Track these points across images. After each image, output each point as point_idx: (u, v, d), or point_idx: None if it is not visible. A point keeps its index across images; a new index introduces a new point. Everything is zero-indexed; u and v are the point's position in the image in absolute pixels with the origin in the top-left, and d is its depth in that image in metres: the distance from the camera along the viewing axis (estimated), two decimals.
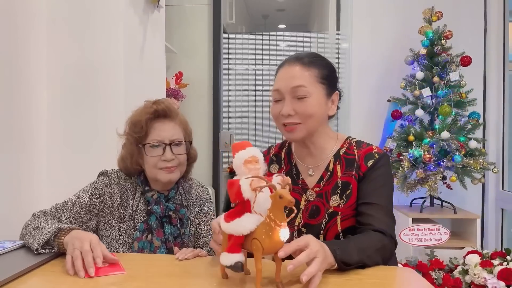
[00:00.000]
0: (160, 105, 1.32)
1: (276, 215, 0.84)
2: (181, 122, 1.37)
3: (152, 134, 1.31)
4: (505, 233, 2.93)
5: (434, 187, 2.53)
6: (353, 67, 3.12)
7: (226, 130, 3.34)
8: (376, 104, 3.02)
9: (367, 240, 1.06)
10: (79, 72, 1.78)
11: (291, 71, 1.16)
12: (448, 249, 2.50)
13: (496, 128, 3.00)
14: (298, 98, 1.14)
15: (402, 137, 2.65)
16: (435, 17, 2.68)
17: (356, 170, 1.18)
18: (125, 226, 1.32)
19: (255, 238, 0.85)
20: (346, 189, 1.17)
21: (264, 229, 0.85)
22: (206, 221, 1.42)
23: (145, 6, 2.02)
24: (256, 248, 0.85)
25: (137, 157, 1.33)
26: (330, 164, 1.21)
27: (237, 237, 0.87)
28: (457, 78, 2.57)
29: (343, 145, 1.23)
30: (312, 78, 1.14)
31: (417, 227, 2.34)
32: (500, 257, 2.23)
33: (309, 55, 1.20)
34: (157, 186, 1.35)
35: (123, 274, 1.00)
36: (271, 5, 5.42)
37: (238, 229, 0.86)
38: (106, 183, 1.33)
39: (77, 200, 1.30)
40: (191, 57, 3.30)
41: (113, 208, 1.32)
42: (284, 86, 1.15)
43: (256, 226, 0.85)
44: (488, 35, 3.03)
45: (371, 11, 3.09)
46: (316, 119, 1.16)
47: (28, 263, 1.05)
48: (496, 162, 2.92)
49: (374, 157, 1.18)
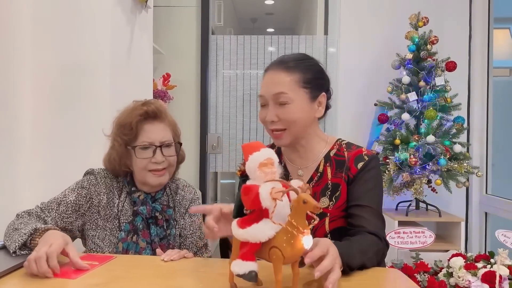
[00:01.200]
0: (150, 106, 1.30)
1: (299, 221, 0.78)
2: (170, 123, 1.36)
3: (142, 136, 1.29)
4: (489, 236, 2.97)
5: (420, 190, 2.55)
6: (341, 71, 3.14)
7: (214, 133, 3.33)
8: (363, 108, 3.04)
9: (366, 243, 1.07)
10: (64, 72, 1.76)
11: (273, 77, 1.16)
12: (433, 252, 2.53)
13: (480, 132, 3.05)
14: (280, 104, 1.14)
15: (389, 141, 2.67)
16: (421, 23, 2.72)
17: (345, 172, 1.19)
18: (110, 225, 1.31)
19: (275, 247, 0.79)
20: (335, 191, 1.18)
21: (285, 237, 0.79)
22: (192, 222, 1.40)
23: (133, 6, 2.01)
24: (277, 258, 0.79)
25: (126, 159, 1.31)
26: (320, 165, 1.22)
27: (253, 244, 0.81)
28: (442, 83, 2.60)
29: (333, 146, 1.24)
30: (294, 84, 1.14)
31: (403, 230, 2.36)
32: (484, 260, 2.25)
33: (294, 58, 1.20)
34: (144, 187, 1.34)
35: (109, 275, 0.99)
36: (260, 9, 5.43)
37: (257, 235, 0.80)
38: (92, 182, 1.32)
39: (63, 199, 1.28)
40: (179, 58, 3.29)
41: (100, 207, 1.30)
42: (267, 92, 1.16)
43: (275, 233, 0.80)
44: (473, 41, 3.09)
45: (359, 16, 3.12)
46: (301, 124, 1.17)
47: (7, 265, 1.02)
48: (480, 166, 2.97)
49: (364, 159, 1.19)
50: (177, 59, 3.28)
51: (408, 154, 2.49)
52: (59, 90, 1.75)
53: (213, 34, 3.38)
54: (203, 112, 3.29)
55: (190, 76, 3.29)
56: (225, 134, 3.35)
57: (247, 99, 3.35)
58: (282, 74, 1.15)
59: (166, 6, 3.26)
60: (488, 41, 3.05)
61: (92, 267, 1.03)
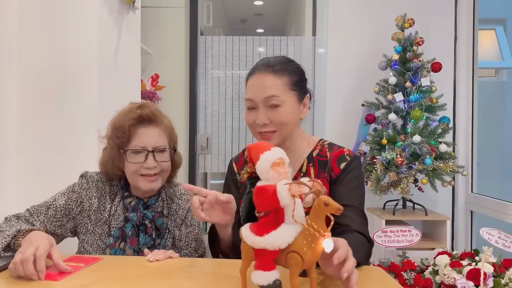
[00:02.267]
0: (145, 109, 1.27)
1: (319, 224, 0.76)
2: (166, 127, 1.32)
3: (134, 139, 1.26)
4: (474, 234, 3.02)
5: (406, 189, 2.58)
6: (329, 71, 3.17)
7: (203, 133, 3.33)
8: (350, 108, 3.07)
9: (357, 242, 1.09)
10: (50, 73, 1.75)
11: (263, 80, 1.16)
12: (420, 250, 2.56)
13: (466, 132, 3.10)
14: (272, 107, 1.15)
15: (376, 141, 2.70)
16: (407, 24, 2.75)
17: (328, 172, 1.21)
18: (100, 230, 1.29)
19: (294, 251, 0.76)
20: None
21: (305, 241, 0.76)
22: (188, 232, 1.35)
23: (120, 7, 2.00)
24: (295, 262, 0.76)
25: (118, 162, 1.29)
26: (303, 165, 1.24)
27: (272, 252, 0.77)
28: (428, 84, 2.64)
29: (316, 147, 1.26)
30: (283, 86, 1.16)
31: (390, 229, 2.39)
32: (469, 257, 2.29)
33: (279, 61, 1.20)
34: (138, 192, 1.31)
35: (94, 276, 0.99)
36: (249, 10, 5.45)
37: (276, 243, 0.76)
38: (84, 186, 1.30)
39: (53, 203, 1.26)
40: (168, 59, 3.29)
41: (90, 211, 1.28)
42: (257, 96, 1.16)
43: (293, 238, 0.77)
44: (458, 42, 3.13)
45: (346, 18, 3.14)
46: (290, 125, 1.19)
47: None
48: (466, 165, 3.01)
49: (346, 160, 1.21)
50: (166, 60, 3.28)
51: (395, 154, 2.52)
52: (45, 91, 1.75)
53: (202, 35, 3.39)
54: (192, 112, 3.29)
55: (179, 77, 3.29)
56: (215, 134, 3.35)
57: (236, 99, 3.36)
58: (272, 77, 1.15)
59: (154, 7, 3.25)
60: (473, 42, 3.09)
61: (78, 269, 1.03)
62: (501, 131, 4.11)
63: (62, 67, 1.74)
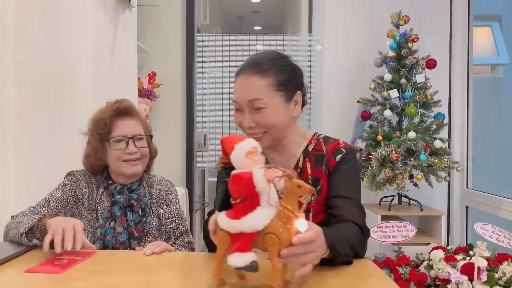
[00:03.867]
0: (121, 104, 1.43)
1: (293, 205, 0.80)
2: (141, 119, 1.48)
3: (115, 130, 1.40)
4: (470, 229, 3.04)
5: (402, 185, 2.61)
6: (325, 68, 3.18)
7: (200, 131, 3.35)
8: (346, 105, 3.09)
9: (352, 232, 1.10)
10: (47, 71, 1.76)
11: (247, 83, 1.12)
12: (415, 245, 2.58)
13: (461, 128, 3.12)
14: (256, 110, 1.12)
15: (371, 137, 2.72)
16: (402, 21, 2.76)
17: (325, 166, 1.20)
18: (89, 216, 1.40)
19: (270, 233, 0.79)
20: (316, 185, 1.20)
21: (280, 222, 0.80)
22: (170, 211, 1.49)
23: (116, 5, 2.02)
24: (273, 243, 0.79)
25: (101, 153, 1.42)
26: (299, 161, 1.23)
27: (248, 235, 0.80)
28: (423, 80, 2.66)
29: (311, 141, 1.25)
30: (268, 88, 1.11)
31: (385, 225, 2.41)
32: (463, 252, 2.31)
33: (267, 58, 1.16)
34: (120, 179, 1.44)
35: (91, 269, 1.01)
36: (246, 7, 5.45)
37: (254, 224, 0.79)
38: (73, 180, 1.43)
39: (51, 197, 1.37)
40: (165, 57, 3.30)
41: (83, 199, 1.41)
42: (241, 98, 1.13)
43: (270, 220, 0.80)
44: (453, 39, 3.15)
45: (342, 15, 3.16)
46: (280, 126, 1.15)
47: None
48: (461, 161, 3.04)
49: (341, 152, 1.21)
50: (163, 58, 3.29)
51: (390, 150, 2.54)
52: (42, 90, 1.76)
53: (199, 33, 3.40)
54: (189, 110, 3.30)
55: (176, 75, 3.30)
56: (212, 132, 3.36)
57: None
58: (256, 78, 1.11)
59: (151, 5, 3.26)
60: (468, 39, 3.11)
61: (75, 262, 1.05)
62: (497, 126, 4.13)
63: (58, 65, 1.76)
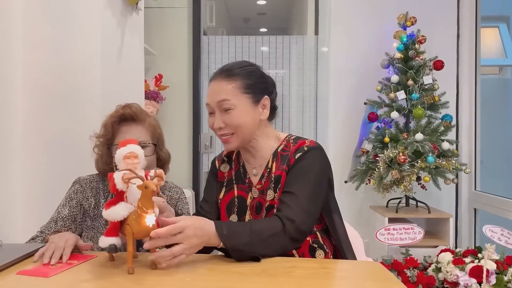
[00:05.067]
0: (127, 109, 1.39)
1: (144, 203, 0.96)
2: (150, 125, 1.42)
3: (118, 136, 1.38)
4: (478, 232, 3.02)
5: (409, 187, 2.59)
6: (331, 70, 3.18)
7: (207, 132, 3.35)
8: (353, 107, 3.08)
9: (264, 224, 1.11)
10: (55, 73, 1.77)
11: (216, 86, 1.23)
12: (423, 248, 2.57)
13: (469, 130, 3.10)
14: (225, 110, 1.21)
15: (378, 139, 2.71)
16: (409, 22, 2.76)
17: (287, 164, 1.23)
18: (97, 224, 1.37)
19: (127, 224, 0.98)
20: (278, 183, 1.23)
21: (134, 216, 0.98)
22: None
23: (123, 8, 2.03)
24: (128, 233, 0.98)
25: (107, 158, 1.40)
26: (269, 162, 1.28)
27: (113, 223, 1.01)
28: (430, 82, 2.64)
29: (282, 142, 1.29)
30: (235, 90, 1.21)
31: (393, 227, 2.40)
32: (472, 255, 2.30)
33: (235, 65, 1.27)
34: None
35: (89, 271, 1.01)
36: (252, 9, 5.46)
37: (113, 216, 0.99)
38: (79, 190, 1.40)
39: (58, 216, 1.35)
40: (171, 59, 3.31)
41: (90, 209, 1.38)
42: (211, 100, 1.23)
43: (128, 213, 0.99)
44: (461, 40, 3.13)
45: (348, 16, 3.15)
46: (247, 126, 1.22)
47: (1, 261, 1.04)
48: (469, 163, 3.02)
49: (303, 150, 1.23)
50: (169, 60, 3.30)
51: (398, 152, 2.53)
52: (49, 92, 1.77)
53: (205, 35, 3.41)
54: (195, 112, 3.31)
55: (182, 77, 3.31)
56: None
57: None
58: (224, 82, 1.22)
59: (158, 7, 3.28)
60: (476, 40, 3.09)
61: (70, 265, 1.05)
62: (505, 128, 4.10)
63: (66, 68, 1.77)
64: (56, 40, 1.77)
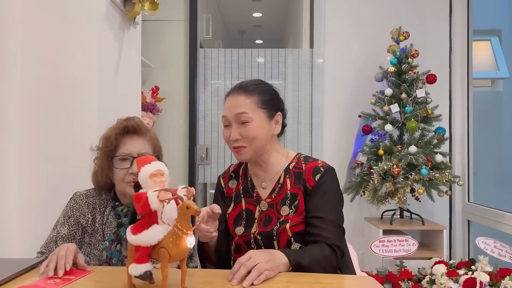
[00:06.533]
0: (130, 121, 1.40)
1: (184, 224, 0.91)
2: (151, 138, 1.44)
3: (121, 148, 1.38)
4: (472, 244, 3.04)
5: (403, 199, 2.62)
6: (326, 83, 3.22)
7: (203, 144, 3.37)
8: (347, 119, 3.11)
9: (314, 249, 1.21)
10: (52, 86, 1.79)
11: (234, 100, 1.31)
12: (417, 260, 2.58)
13: (462, 142, 3.14)
14: (242, 123, 1.28)
15: (373, 151, 2.74)
16: (402, 37, 2.81)
17: (302, 183, 1.31)
18: (94, 240, 1.37)
19: (162, 247, 0.92)
20: (294, 200, 1.31)
21: (171, 238, 0.92)
22: None
23: (121, 22, 2.06)
24: (164, 256, 0.92)
25: (107, 170, 1.39)
26: (281, 177, 1.35)
27: (144, 248, 0.93)
28: (423, 95, 2.69)
29: (293, 160, 1.37)
30: (252, 105, 1.29)
31: (387, 239, 2.42)
32: (465, 267, 2.31)
33: (252, 83, 1.36)
34: (126, 200, 1.40)
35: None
36: (248, 21, 5.52)
37: (147, 240, 0.92)
38: (75, 207, 1.40)
39: (58, 235, 1.35)
40: (168, 71, 3.34)
41: (87, 226, 1.38)
42: (229, 113, 1.31)
43: (163, 236, 0.92)
44: (453, 54, 3.19)
45: (343, 31, 3.20)
46: (261, 140, 1.30)
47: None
48: (462, 175, 3.05)
49: (320, 171, 1.31)
50: (166, 72, 3.33)
51: (392, 164, 2.55)
52: (47, 105, 1.78)
53: (202, 48, 3.44)
54: (191, 123, 3.33)
55: (178, 89, 3.34)
56: (214, 145, 3.38)
57: None
58: (242, 96, 1.30)
59: (155, 20, 3.31)
60: (468, 53, 3.14)
61: (68, 281, 1.05)
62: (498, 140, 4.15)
63: (64, 81, 1.78)
64: (54, 54, 1.79)
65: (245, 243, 1.32)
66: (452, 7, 3.19)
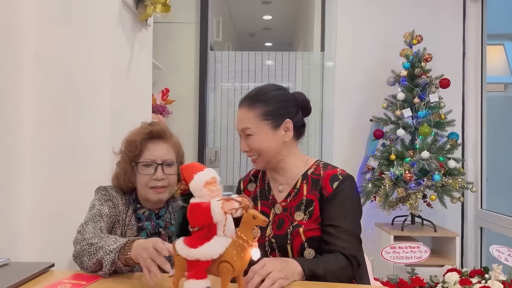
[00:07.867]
0: (155, 126, 1.39)
1: (247, 235, 0.86)
2: (174, 144, 1.43)
3: (145, 153, 1.37)
4: (484, 251, 2.99)
5: (415, 205, 2.58)
6: (337, 87, 3.19)
7: (212, 146, 3.36)
8: (359, 123, 3.08)
9: (329, 258, 1.20)
10: (65, 89, 1.79)
11: (240, 115, 1.33)
12: (429, 267, 2.54)
13: (475, 148, 3.09)
14: (247, 136, 1.31)
15: (384, 156, 2.71)
16: (415, 41, 2.77)
17: (319, 190, 1.29)
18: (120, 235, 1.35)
19: (225, 261, 0.85)
20: (309, 206, 1.29)
21: (235, 251, 0.86)
22: None
23: (133, 24, 2.05)
24: (227, 271, 0.86)
25: (130, 175, 1.38)
26: (298, 182, 1.34)
27: (204, 262, 0.86)
28: (436, 100, 2.65)
29: (312, 166, 1.36)
30: (255, 118, 1.29)
31: (398, 245, 2.38)
32: (478, 275, 2.27)
33: (262, 91, 1.34)
34: (148, 204, 1.40)
35: None
36: (258, 24, 5.52)
37: (209, 253, 0.86)
38: (112, 195, 1.38)
39: (102, 212, 1.31)
40: (178, 73, 3.34)
41: (119, 217, 1.37)
42: (237, 127, 1.34)
43: (225, 249, 0.86)
44: (467, 58, 3.15)
45: (355, 33, 3.18)
46: (269, 150, 1.30)
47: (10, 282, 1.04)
48: (475, 181, 3.00)
49: (338, 179, 1.29)
50: (176, 74, 3.33)
51: (403, 170, 2.52)
52: (60, 107, 1.79)
53: (212, 50, 3.43)
54: (201, 126, 3.33)
55: (188, 91, 3.34)
56: (223, 147, 3.37)
57: None
58: (245, 110, 1.31)
59: (165, 23, 3.31)
60: (482, 58, 3.10)
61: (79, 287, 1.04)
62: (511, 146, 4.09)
63: (76, 84, 1.79)
64: (67, 56, 1.79)
65: (259, 245, 1.31)
66: (466, 11, 3.15)
